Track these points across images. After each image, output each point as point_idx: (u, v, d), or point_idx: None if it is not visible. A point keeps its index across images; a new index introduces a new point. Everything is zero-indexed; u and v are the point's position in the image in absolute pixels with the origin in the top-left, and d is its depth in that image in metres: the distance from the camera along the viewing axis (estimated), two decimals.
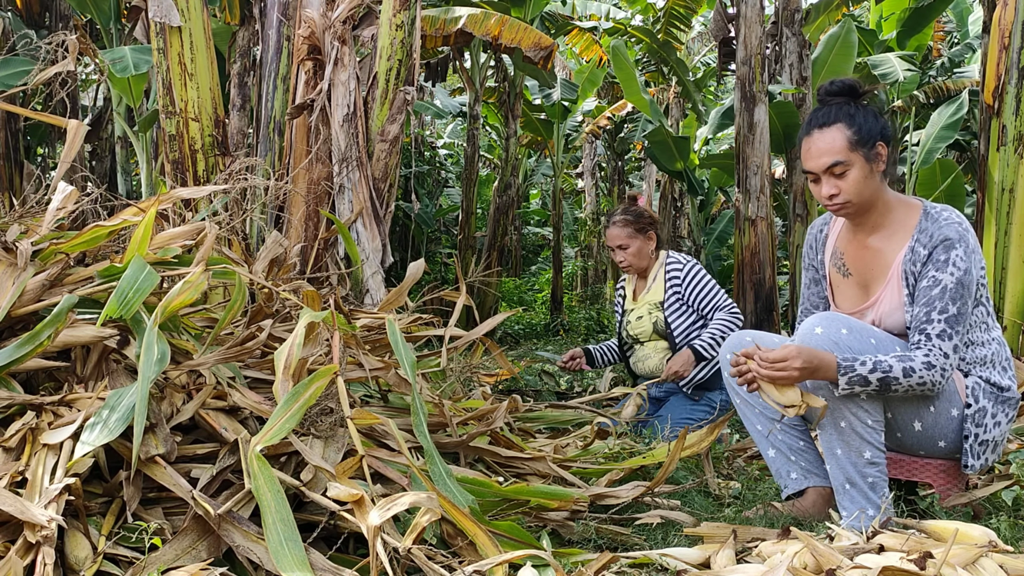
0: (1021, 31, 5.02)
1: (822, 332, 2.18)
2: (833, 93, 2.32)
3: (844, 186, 2.24)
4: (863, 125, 2.25)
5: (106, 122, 9.36)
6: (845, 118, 2.25)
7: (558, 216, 12.44)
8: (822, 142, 2.25)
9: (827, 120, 2.26)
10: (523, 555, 1.82)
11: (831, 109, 2.28)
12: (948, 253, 2.18)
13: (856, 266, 2.39)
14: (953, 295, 2.16)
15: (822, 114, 2.29)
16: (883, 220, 2.32)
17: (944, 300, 2.16)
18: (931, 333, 2.16)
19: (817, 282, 2.53)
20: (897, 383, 2.12)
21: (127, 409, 1.87)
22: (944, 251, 2.19)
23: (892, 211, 2.32)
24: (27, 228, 2.53)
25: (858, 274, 2.39)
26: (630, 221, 3.85)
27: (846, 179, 2.23)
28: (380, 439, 2.37)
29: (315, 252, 4.50)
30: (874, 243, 2.35)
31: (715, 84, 14.86)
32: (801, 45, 8.46)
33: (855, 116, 2.26)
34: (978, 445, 2.27)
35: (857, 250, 2.38)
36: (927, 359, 2.13)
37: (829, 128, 2.25)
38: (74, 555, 1.69)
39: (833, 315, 2.25)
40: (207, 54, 4.47)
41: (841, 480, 2.21)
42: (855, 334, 2.18)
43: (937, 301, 2.17)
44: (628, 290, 4.04)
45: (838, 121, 2.25)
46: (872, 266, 2.35)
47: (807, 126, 2.31)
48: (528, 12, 9.87)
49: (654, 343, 3.87)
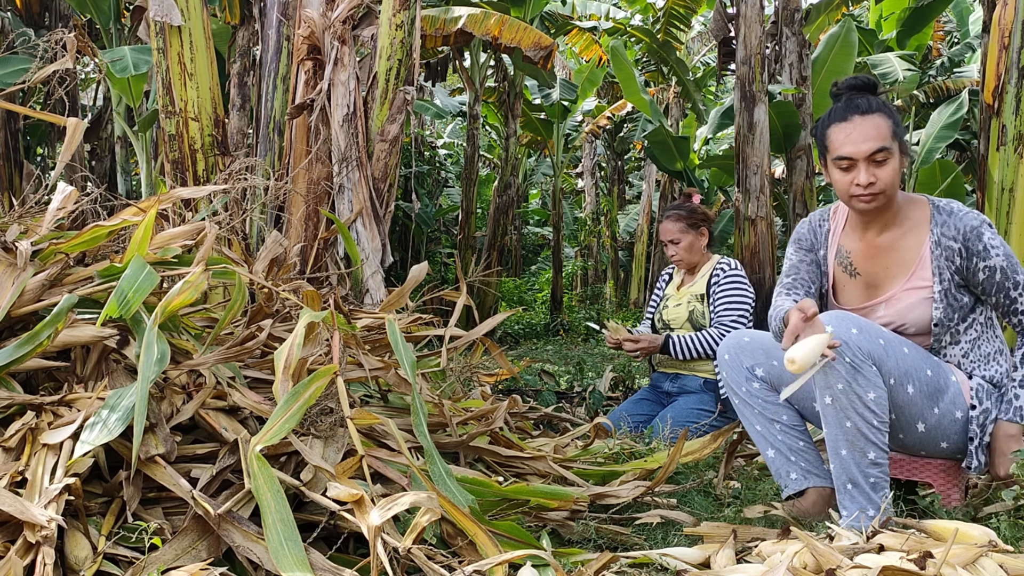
0: (1021, 31, 5.02)
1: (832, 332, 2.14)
2: (855, 87, 2.29)
3: (882, 175, 2.20)
4: (898, 119, 2.24)
5: (106, 122, 9.36)
6: (883, 108, 2.23)
7: (558, 216, 12.44)
8: (867, 127, 2.20)
9: (868, 108, 2.22)
10: (523, 555, 1.82)
11: (867, 99, 2.24)
12: (982, 240, 2.21)
13: (866, 266, 2.36)
14: (1012, 268, 2.21)
15: (862, 102, 2.24)
16: (894, 218, 2.31)
17: (1012, 277, 2.21)
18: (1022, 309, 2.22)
19: (816, 264, 2.46)
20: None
21: (127, 409, 1.87)
22: (977, 239, 2.21)
23: (901, 209, 2.31)
24: (27, 228, 2.53)
25: (867, 274, 2.36)
26: (683, 216, 3.89)
27: (886, 168, 2.20)
28: (380, 439, 2.37)
29: (315, 252, 4.50)
30: (886, 242, 2.32)
31: (715, 84, 14.86)
32: (801, 45, 8.46)
33: (891, 108, 2.25)
34: (984, 447, 2.26)
35: (867, 249, 2.35)
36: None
37: (872, 115, 2.21)
38: (74, 555, 1.69)
39: (843, 314, 2.20)
40: (207, 54, 4.47)
41: (844, 480, 2.20)
42: (864, 334, 2.16)
43: (1007, 282, 2.21)
44: (675, 279, 4.06)
45: (879, 110, 2.22)
46: (887, 265, 2.32)
47: (843, 112, 2.24)
48: (528, 12, 9.87)
49: (683, 332, 3.88)
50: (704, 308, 3.84)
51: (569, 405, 4.59)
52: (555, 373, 5.57)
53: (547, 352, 8.09)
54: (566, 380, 5.41)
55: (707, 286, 3.87)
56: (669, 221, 3.92)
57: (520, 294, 12.49)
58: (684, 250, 3.90)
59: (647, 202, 15.40)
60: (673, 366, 3.92)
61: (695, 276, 3.95)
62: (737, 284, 3.81)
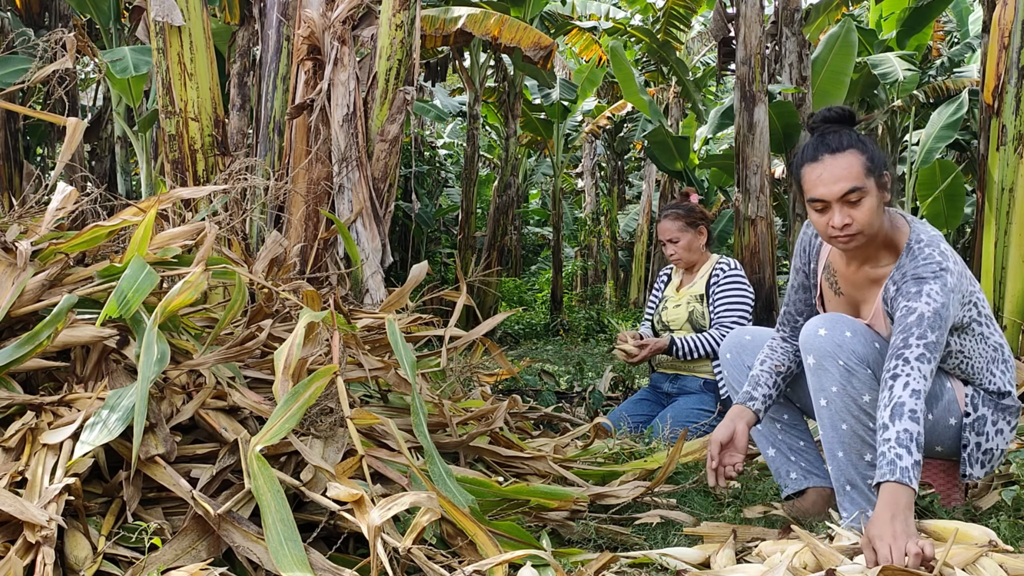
0: (1021, 31, 5.02)
1: (826, 334, 2.13)
2: (831, 120, 2.19)
3: (858, 215, 2.09)
4: (873, 152, 2.13)
5: (106, 122, 9.37)
6: (857, 143, 2.12)
7: (558, 216, 12.44)
8: (837, 167, 2.08)
9: (839, 145, 2.11)
10: (523, 555, 1.82)
11: (839, 134, 2.14)
12: (920, 286, 2.06)
13: (847, 288, 2.34)
14: (932, 323, 2.03)
15: (832, 139, 2.13)
16: (876, 253, 2.24)
17: (923, 327, 2.02)
18: (909, 357, 1.99)
19: (807, 289, 2.44)
20: (920, 423, 1.95)
21: (127, 409, 1.87)
22: (915, 284, 2.07)
23: (888, 240, 2.22)
24: (27, 228, 2.53)
25: (849, 296, 2.34)
26: (681, 215, 3.89)
27: (860, 208, 2.09)
28: (380, 439, 2.36)
29: (315, 252, 4.50)
30: (865, 273, 2.28)
31: (715, 84, 14.87)
32: (801, 45, 8.46)
33: (865, 143, 2.14)
34: (981, 454, 2.24)
35: (851, 274, 2.32)
36: (909, 386, 1.96)
37: (843, 153, 2.10)
38: (74, 555, 1.69)
39: (838, 316, 2.19)
40: (207, 54, 4.47)
41: (842, 482, 2.20)
42: (859, 337, 2.15)
43: (915, 327, 2.02)
44: (674, 279, 4.06)
45: (851, 147, 2.11)
46: (864, 291, 2.30)
47: (813, 151, 2.15)
48: (528, 12, 9.87)
49: (683, 333, 3.88)
50: (704, 309, 3.84)
51: (569, 405, 4.59)
52: (555, 373, 5.57)
53: (547, 352, 8.09)
54: (566, 380, 5.41)
55: (706, 286, 3.87)
56: (667, 220, 3.92)
57: (520, 294, 12.50)
58: (682, 249, 3.90)
59: (647, 202, 15.40)
60: (673, 367, 3.92)
61: (694, 276, 3.95)
62: (737, 284, 3.80)
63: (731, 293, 3.79)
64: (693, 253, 3.91)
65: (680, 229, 3.89)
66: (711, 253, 3.99)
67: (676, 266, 4.05)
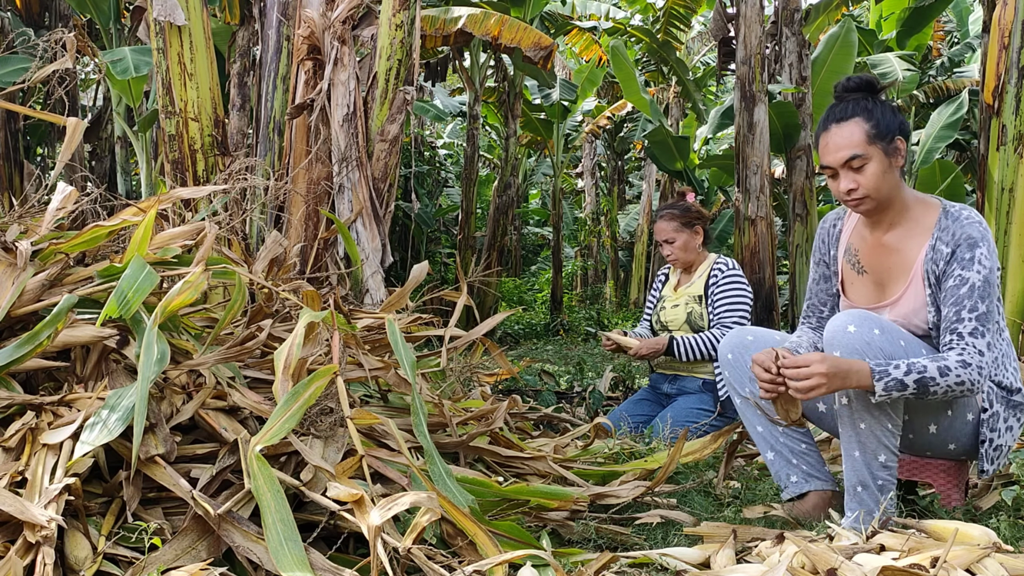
0: (1021, 31, 5.02)
1: (855, 331, 2.13)
2: (851, 89, 2.29)
3: (862, 180, 2.21)
4: (881, 119, 2.23)
5: (106, 122, 9.37)
6: (863, 112, 2.24)
7: (558, 216, 12.44)
8: (840, 136, 2.23)
9: (845, 115, 2.25)
10: (523, 555, 1.82)
11: (848, 104, 2.26)
12: (973, 251, 2.16)
13: (871, 264, 2.36)
14: (982, 292, 2.14)
15: (839, 109, 2.27)
16: (900, 218, 2.30)
17: (973, 298, 2.13)
18: (963, 332, 2.12)
19: (827, 279, 2.49)
20: (935, 384, 2.06)
21: (127, 409, 1.87)
22: (969, 249, 2.16)
23: (910, 209, 2.29)
24: (27, 228, 2.53)
25: (873, 272, 2.36)
26: (677, 215, 3.89)
27: (864, 173, 2.21)
28: (380, 439, 2.36)
29: (315, 252, 4.50)
30: (891, 241, 2.32)
31: (715, 84, 14.87)
32: (801, 45, 8.46)
33: (873, 110, 2.24)
34: (992, 450, 2.25)
35: (873, 248, 2.35)
36: (961, 357, 2.09)
37: (847, 122, 2.23)
38: (74, 555, 1.69)
39: (866, 314, 2.20)
40: (207, 54, 4.47)
41: (854, 482, 2.19)
42: (887, 335, 2.15)
43: (967, 300, 2.14)
44: (672, 279, 4.06)
45: (856, 115, 2.23)
46: (889, 265, 2.32)
47: (824, 122, 2.29)
48: (528, 12, 9.87)
49: (682, 334, 3.88)
50: (702, 309, 3.84)
51: (569, 405, 4.59)
52: (555, 373, 5.57)
53: (547, 352, 8.09)
54: (566, 380, 5.41)
55: (705, 287, 3.86)
56: (663, 220, 3.92)
57: (520, 294, 12.50)
58: (679, 249, 3.89)
59: (647, 202, 15.40)
60: (672, 367, 3.91)
61: (692, 276, 3.94)
62: (736, 284, 3.80)
63: (730, 293, 3.78)
64: (690, 253, 3.91)
65: (676, 229, 3.89)
66: (709, 253, 3.98)
67: (673, 266, 4.05)
